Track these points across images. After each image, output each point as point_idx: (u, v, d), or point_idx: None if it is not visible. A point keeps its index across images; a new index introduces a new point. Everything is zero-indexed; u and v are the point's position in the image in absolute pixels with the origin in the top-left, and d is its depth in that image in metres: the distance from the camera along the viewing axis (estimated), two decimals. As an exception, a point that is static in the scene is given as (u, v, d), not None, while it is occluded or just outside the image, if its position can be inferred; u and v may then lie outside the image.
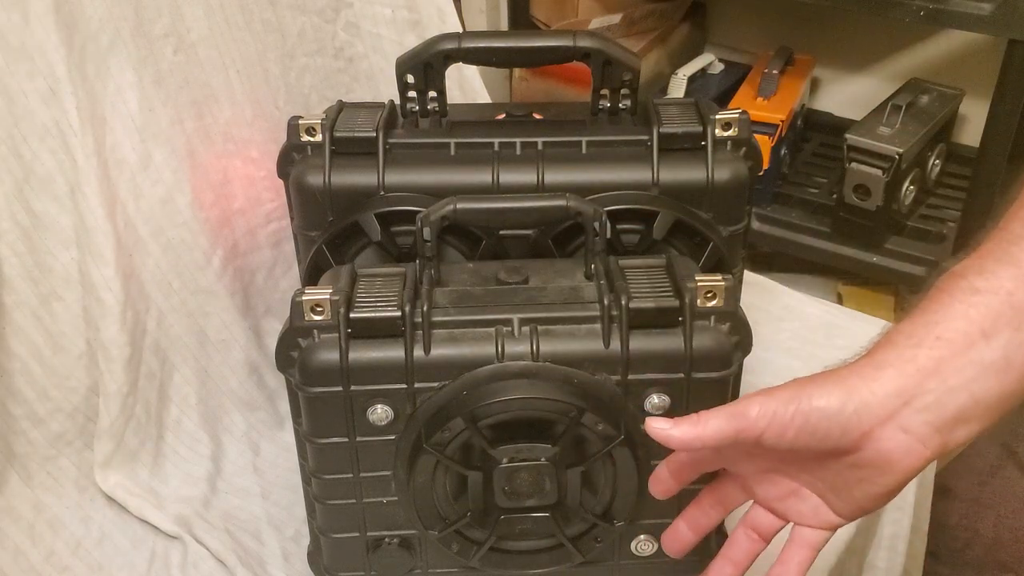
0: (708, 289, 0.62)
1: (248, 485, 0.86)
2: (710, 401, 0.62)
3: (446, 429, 0.62)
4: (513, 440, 0.63)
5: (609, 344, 0.62)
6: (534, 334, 0.62)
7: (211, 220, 0.86)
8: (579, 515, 0.67)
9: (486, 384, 0.62)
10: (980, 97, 1.33)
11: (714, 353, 0.63)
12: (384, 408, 0.63)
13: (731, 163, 0.73)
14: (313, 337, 0.62)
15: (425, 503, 0.66)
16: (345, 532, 0.69)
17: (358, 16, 0.95)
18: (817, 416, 0.50)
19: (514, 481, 0.64)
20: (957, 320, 0.49)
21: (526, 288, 0.66)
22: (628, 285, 0.64)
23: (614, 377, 0.63)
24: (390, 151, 0.74)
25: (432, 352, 0.62)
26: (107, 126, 0.79)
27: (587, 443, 0.64)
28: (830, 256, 1.39)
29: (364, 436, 0.65)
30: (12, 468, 0.81)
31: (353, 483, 0.67)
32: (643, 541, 0.71)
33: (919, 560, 1.02)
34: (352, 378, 0.62)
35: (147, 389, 0.85)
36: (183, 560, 0.79)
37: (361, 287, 0.65)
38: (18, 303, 0.78)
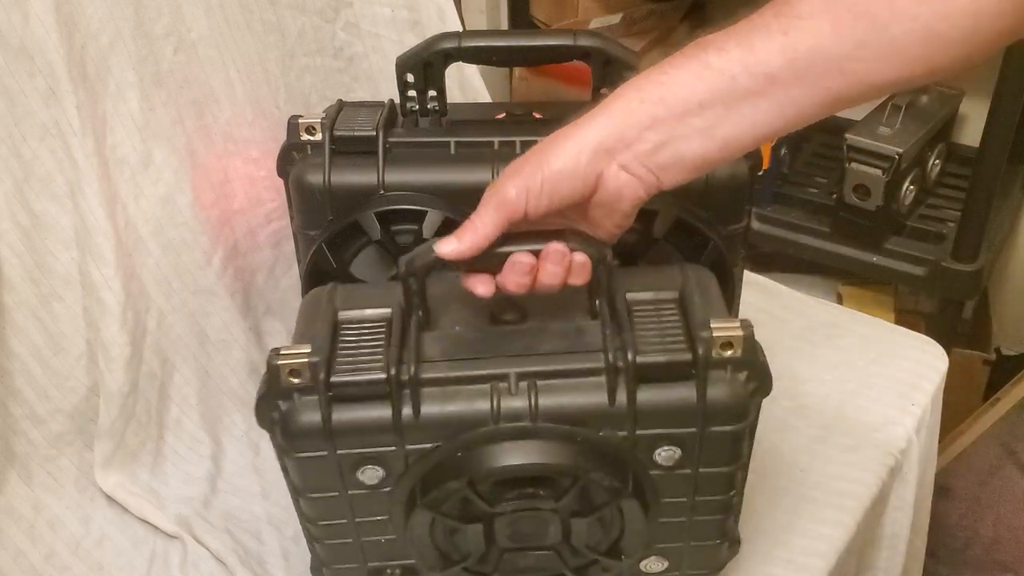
0: (725, 340, 0.58)
1: (248, 485, 0.86)
2: (723, 450, 0.61)
3: (441, 490, 0.59)
4: (515, 493, 0.61)
5: (615, 400, 0.58)
6: (532, 389, 0.58)
7: (211, 220, 0.86)
8: (585, 554, 0.64)
9: (481, 446, 0.59)
10: (980, 97, 1.33)
11: (730, 405, 0.59)
12: (375, 469, 0.60)
13: (730, 164, 0.73)
14: (293, 400, 0.58)
15: (424, 546, 0.64)
16: (345, 563, 0.68)
17: (358, 16, 0.95)
18: (560, 177, 0.57)
19: (516, 528, 0.62)
20: (683, 89, 0.55)
21: (524, 331, 0.62)
22: (636, 333, 0.59)
23: (620, 432, 0.59)
24: (390, 150, 0.74)
25: (423, 412, 0.58)
26: (107, 126, 0.79)
27: (593, 493, 0.61)
28: (830, 256, 1.39)
29: (357, 490, 0.62)
30: (12, 468, 0.81)
31: (349, 526, 0.64)
32: (653, 561, 0.68)
33: (919, 560, 1.02)
34: (338, 442, 0.59)
35: (147, 389, 0.85)
36: (183, 560, 0.79)
37: (343, 339, 0.60)
38: (18, 303, 0.78)
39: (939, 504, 1.12)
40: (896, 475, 0.88)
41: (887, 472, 0.86)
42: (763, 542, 0.79)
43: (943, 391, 0.96)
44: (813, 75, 0.54)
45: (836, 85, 0.54)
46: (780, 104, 0.55)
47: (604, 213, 0.60)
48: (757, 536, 0.79)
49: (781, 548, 0.79)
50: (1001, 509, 1.27)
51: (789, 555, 0.78)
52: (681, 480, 0.63)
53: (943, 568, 1.26)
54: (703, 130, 0.56)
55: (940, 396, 0.96)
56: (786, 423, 0.90)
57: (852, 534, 0.81)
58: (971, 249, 1.29)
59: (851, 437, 0.88)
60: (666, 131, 0.56)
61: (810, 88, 0.54)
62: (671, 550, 0.67)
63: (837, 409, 0.91)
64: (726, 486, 0.64)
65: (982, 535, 1.27)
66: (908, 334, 1.01)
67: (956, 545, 1.27)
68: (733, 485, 0.65)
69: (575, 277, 0.59)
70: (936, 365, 0.96)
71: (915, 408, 0.91)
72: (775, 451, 0.87)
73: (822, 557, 0.78)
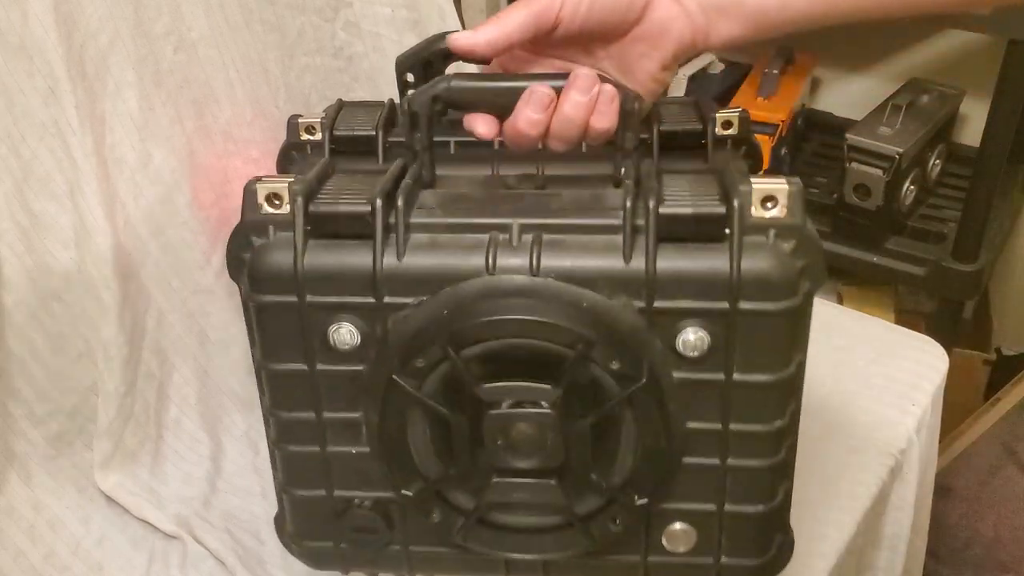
0: (767, 194, 0.48)
1: (248, 485, 0.86)
2: (765, 342, 0.50)
3: (422, 356, 0.51)
4: (507, 378, 0.51)
5: (631, 260, 0.49)
6: (536, 243, 0.50)
7: (211, 220, 0.86)
8: (590, 484, 0.54)
9: (472, 302, 0.50)
10: (980, 97, 1.33)
11: (771, 277, 0.49)
12: (348, 328, 0.52)
13: (731, 161, 0.72)
14: (268, 235, 0.52)
15: (400, 455, 0.55)
16: (309, 489, 0.59)
17: (358, 15, 0.95)
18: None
19: (509, 432, 0.52)
20: None
21: (537, 194, 0.54)
22: (663, 189, 0.51)
23: (637, 303, 0.50)
24: (390, 150, 0.74)
25: (406, 259, 0.51)
26: (106, 125, 0.79)
27: (601, 390, 0.52)
28: (830, 256, 1.37)
29: (326, 364, 0.54)
30: (12, 468, 0.81)
31: (315, 426, 0.56)
32: (677, 532, 0.56)
33: (919, 560, 1.02)
34: (309, 286, 0.51)
35: (146, 389, 0.84)
36: (183, 560, 0.79)
37: (334, 180, 0.54)
38: (17, 303, 0.78)
39: (939, 504, 1.12)
40: (896, 475, 0.88)
41: (887, 472, 0.86)
42: (763, 542, 0.79)
43: (943, 391, 0.96)
44: None
45: None
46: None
47: (642, 53, 0.54)
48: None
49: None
50: (1001, 509, 1.27)
51: (789, 555, 0.78)
52: (711, 391, 0.52)
53: (943, 568, 1.26)
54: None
55: (940, 396, 0.96)
56: (786, 423, 0.90)
57: (852, 534, 0.81)
58: (971, 249, 1.29)
59: (851, 437, 0.88)
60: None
61: None
62: (700, 516, 0.56)
63: (837, 409, 0.91)
64: (769, 410, 0.53)
65: (982, 535, 1.27)
66: (908, 334, 1.01)
67: (956, 545, 1.27)
68: (778, 411, 0.53)
69: (600, 116, 0.52)
70: (936, 365, 0.96)
71: (915, 408, 0.91)
72: (775, 451, 0.87)
73: (822, 557, 0.78)
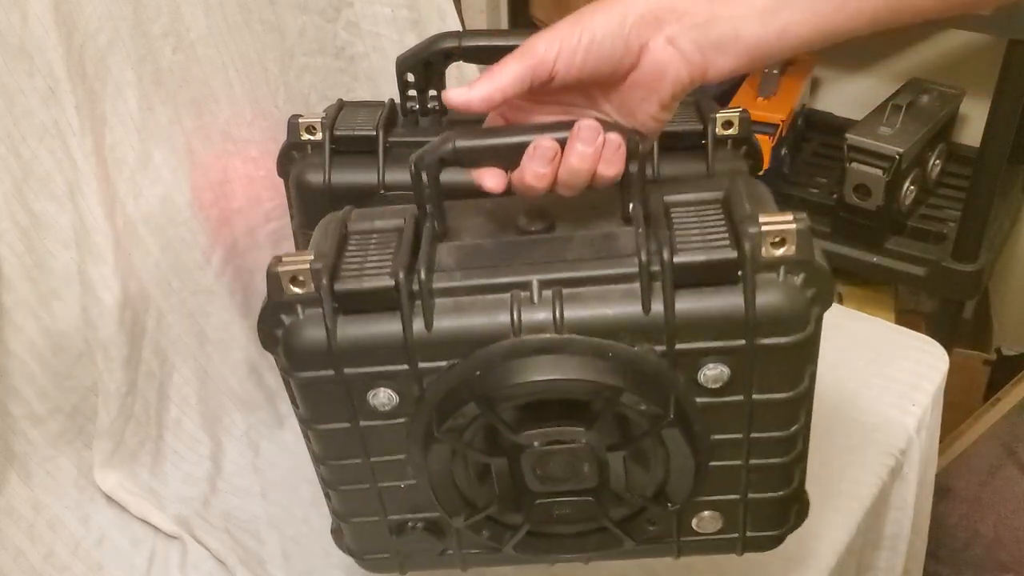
0: (776, 235, 0.50)
1: (248, 485, 0.86)
2: (780, 371, 0.53)
3: (459, 415, 0.53)
4: (541, 422, 0.54)
5: (650, 308, 0.51)
6: (557, 298, 0.52)
7: (210, 219, 0.86)
8: (627, 498, 0.57)
9: (501, 363, 0.52)
10: (980, 97, 1.33)
11: (784, 313, 0.51)
12: (387, 392, 0.55)
13: (731, 161, 0.72)
14: (297, 313, 0.53)
15: (447, 490, 0.58)
16: (364, 516, 0.62)
17: (358, 15, 0.95)
18: (601, 36, 0.52)
19: (546, 465, 0.55)
20: None
21: (549, 239, 0.55)
22: (674, 232, 0.52)
23: (658, 348, 0.52)
24: (390, 150, 0.74)
25: (435, 326, 0.52)
26: (106, 125, 0.79)
27: (630, 422, 0.54)
28: (830, 256, 1.37)
29: (369, 420, 0.56)
30: (12, 468, 0.81)
31: (364, 467, 0.59)
32: (706, 519, 0.60)
33: (919, 560, 1.02)
34: (345, 360, 0.53)
35: (146, 389, 0.84)
36: (183, 560, 0.79)
37: (351, 248, 0.55)
38: (17, 303, 0.78)
39: (940, 504, 1.12)
40: (896, 475, 0.88)
41: (887, 472, 0.86)
42: (763, 542, 0.79)
43: (943, 391, 0.96)
44: None
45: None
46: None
47: (642, 97, 0.55)
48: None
49: (781, 547, 0.78)
50: (1001, 509, 1.27)
51: (790, 554, 0.78)
52: (732, 410, 0.55)
53: (944, 568, 1.26)
54: (764, 10, 0.52)
55: (940, 396, 0.96)
56: (786, 423, 0.90)
57: (852, 534, 0.81)
58: (971, 249, 1.29)
59: (851, 437, 0.88)
60: (725, 5, 0.52)
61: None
62: (726, 504, 0.59)
63: (837, 409, 0.91)
64: (786, 419, 0.56)
65: (982, 535, 1.27)
66: (908, 334, 1.01)
67: (956, 545, 1.27)
68: (795, 418, 0.56)
69: (607, 164, 0.53)
70: (936, 365, 0.96)
71: (915, 408, 0.91)
72: (775, 451, 0.87)
73: (822, 557, 0.78)
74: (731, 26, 0.52)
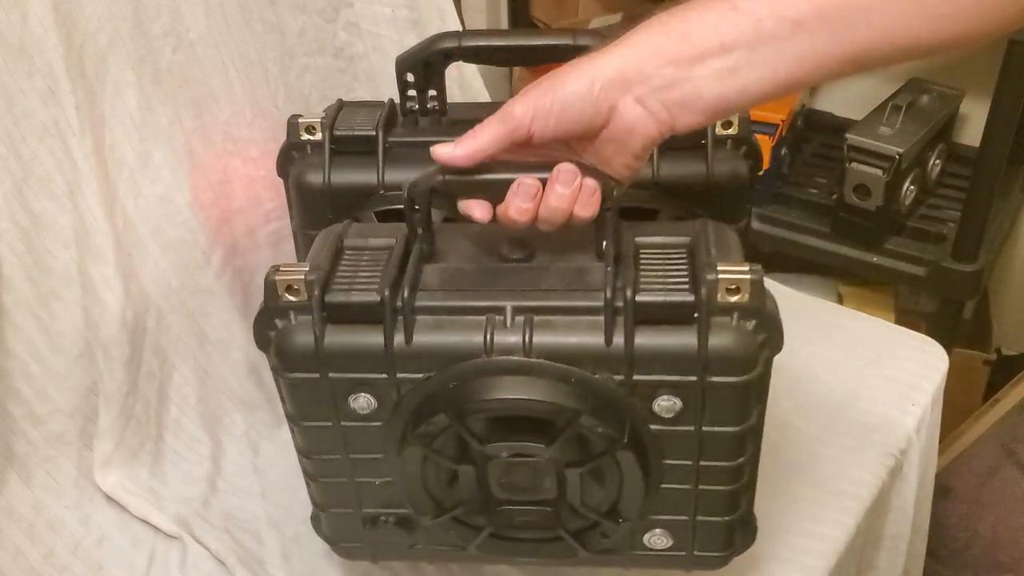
0: (731, 283, 0.55)
1: (248, 485, 0.86)
2: (728, 406, 0.58)
3: (431, 423, 0.58)
4: (507, 436, 0.59)
5: (612, 340, 0.56)
6: (528, 325, 0.57)
7: (210, 220, 0.86)
8: (582, 512, 0.62)
9: (473, 379, 0.57)
10: (980, 97, 1.33)
11: (734, 354, 0.56)
12: (367, 397, 0.59)
13: (731, 161, 0.72)
14: (289, 318, 0.58)
15: (418, 489, 0.62)
16: (341, 507, 0.67)
17: (358, 15, 0.95)
18: (572, 99, 0.56)
19: (510, 476, 0.60)
20: (708, 28, 0.54)
21: (527, 268, 0.60)
22: (639, 272, 0.58)
23: (617, 377, 0.57)
24: (390, 150, 0.74)
25: (414, 341, 0.57)
26: (106, 125, 0.79)
27: (589, 443, 0.59)
28: (830, 256, 1.39)
29: (349, 421, 0.61)
30: (12, 468, 0.81)
31: (344, 463, 0.64)
32: (657, 535, 0.66)
33: (919, 560, 1.02)
34: (330, 365, 0.58)
35: (147, 389, 0.84)
36: (183, 560, 0.79)
37: (345, 262, 0.60)
38: (17, 303, 0.78)
39: (939, 504, 1.12)
40: (896, 475, 0.88)
41: (887, 472, 0.86)
42: (762, 542, 0.79)
43: (943, 391, 0.96)
44: (840, 25, 0.53)
45: (861, 38, 0.53)
46: (804, 53, 0.54)
47: (615, 150, 0.58)
48: (757, 535, 0.79)
49: (781, 548, 0.79)
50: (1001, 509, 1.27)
51: (789, 555, 0.78)
52: (684, 438, 0.60)
53: (943, 568, 1.26)
54: (724, 71, 0.55)
55: (940, 396, 0.96)
56: (786, 423, 0.90)
57: (852, 534, 0.81)
58: (971, 249, 1.29)
59: (851, 437, 0.88)
60: (686, 68, 0.55)
61: (836, 38, 0.53)
62: (676, 524, 0.65)
63: (837, 409, 0.91)
64: (734, 451, 0.61)
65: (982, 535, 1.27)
66: (908, 334, 1.01)
67: (956, 545, 1.27)
68: (742, 451, 0.62)
69: (583, 207, 0.57)
70: (936, 365, 0.96)
71: (915, 408, 0.91)
72: (775, 451, 0.87)
73: (822, 557, 0.78)
74: (694, 87, 0.55)
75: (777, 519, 0.81)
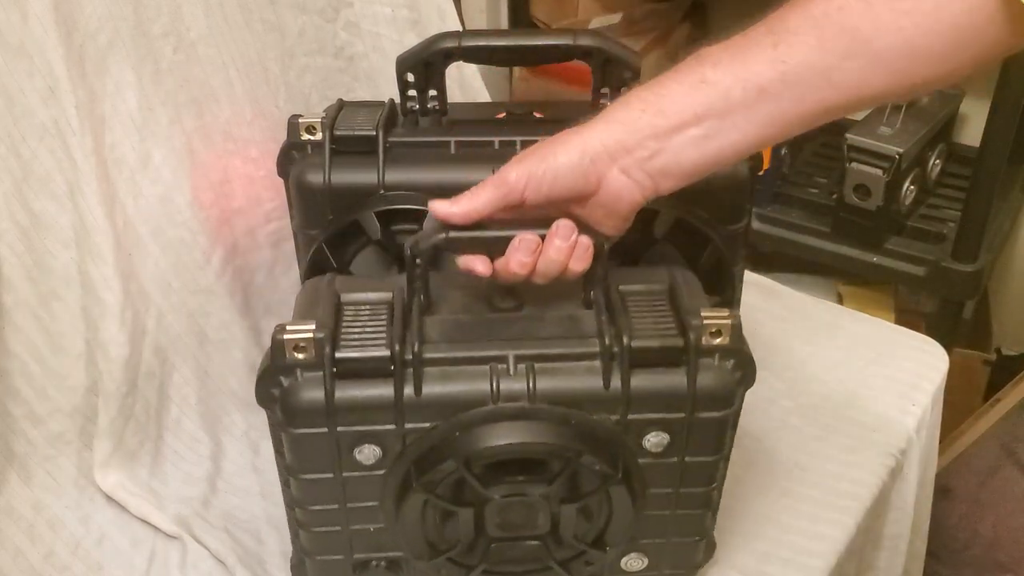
0: (714, 327, 0.60)
1: (248, 485, 0.86)
2: (709, 438, 0.63)
3: (438, 470, 0.60)
4: (507, 478, 0.62)
5: (609, 384, 0.60)
6: (530, 372, 0.60)
7: (211, 219, 0.86)
8: (572, 544, 0.65)
9: (480, 426, 0.60)
10: (980, 97, 1.33)
11: (717, 392, 0.61)
12: (372, 448, 0.61)
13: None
14: (296, 376, 0.59)
15: (413, 534, 0.64)
16: (330, 555, 0.68)
17: (358, 15, 0.95)
18: (564, 170, 0.60)
19: (506, 515, 0.63)
20: (680, 101, 0.58)
21: (521, 317, 0.64)
22: (631, 320, 0.61)
23: (613, 416, 0.61)
24: (390, 150, 0.74)
25: (424, 392, 0.60)
26: (106, 125, 0.79)
27: (583, 480, 0.62)
28: (830, 256, 1.39)
29: (351, 472, 0.63)
30: (12, 468, 0.81)
31: (339, 513, 0.65)
32: (633, 558, 0.70)
33: (919, 560, 1.02)
34: (339, 419, 0.60)
35: (146, 389, 0.84)
36: (183, 560, 0.79)
37: (346, 318, 0.62)
38: (17, 303, 0.78)
39: (939, 504, 1.11)
40: (896, 475, 0.88)
41: (887, 472, 0.86)
42: (763, 542, 0.79)
43: (943, 391, 0.96)
44: (802, 87, 0.56)
45: (826, 96, 0.56)
46: (772, 115, 0.57)
47: (604, 213, 0.62)
48: (756, 536, 0.79)
49: (781, 548, 0.79)
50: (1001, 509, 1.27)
51: (789, 555, 0.78)
52: (668, 469, 0.64)
53: (943, 568, 1.26)
54: (699, 140, 0.58)
55: (940, 396, 0.96)
56: (786, 423, 0.90)
57: (852, 534, 0.81)
58: (971, 249, 1.29)
59: (851, 437, 0.88)
60: (665, 140, 0.59)
61: (800, 99, 0.57)
62: (653, 547, 0.69)
63: (837, 409, 0.91)
64: (709, 478, 0.66)
65: (982, 535, 1.27)
66: (908, 334, 1.01)
67: (956, 545, 1.27)
68: (715, 478, 0.67)
69: (577, 260, 0.61)
70: (936, 365, 0.96)
71: (915, 408, 0.91)
72: (775, 451, 0.87)
73: (822, 557, 0.78)
74: (673, 155, 0.59)
75: (777, 519, 0.81)
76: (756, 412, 0.90)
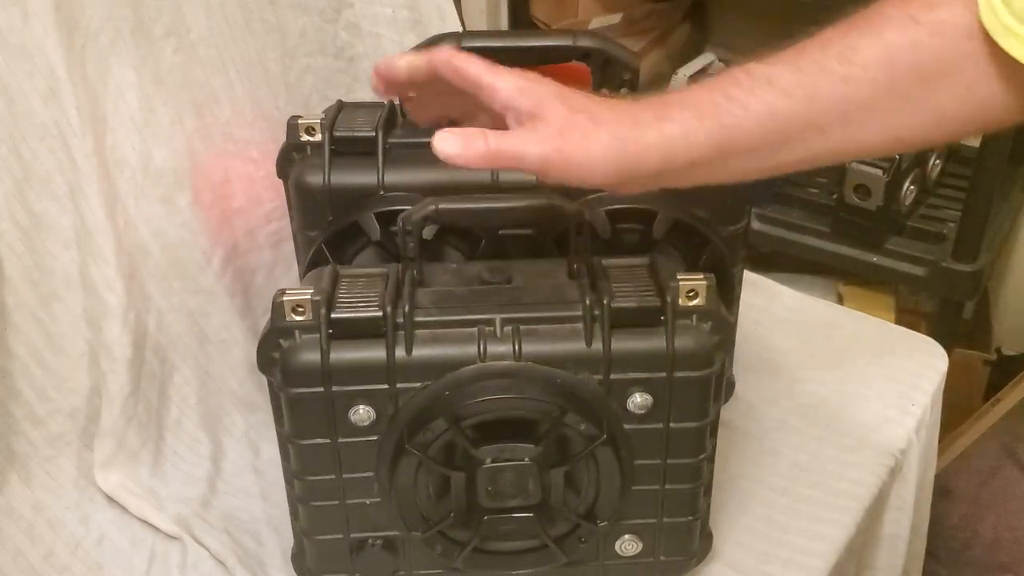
0: (690, 288, 0.63)
1: (248, 486, 0.86)
2: (691, 401, 0.65)
3: (428, 430, 0.62)
4: (496, 440, 0.63)
5: (591, 343, 0.62)
6: (516, 334, 0.63)
7: (211, 220, 0.86)
8: (562, 515, 0.67)
9: (468, 384, 0.62)
10: (980, 97, 1.33)
11: (696, 352, 0.63)
12: (366, 409, 0.63)
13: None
14: (295, 338, 0.62)
15: (408, 504, 0.66)
16: (328, 534, 0.69)
17: (359, 16, 0.95)
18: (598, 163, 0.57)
19: (497, 481, 0.64)
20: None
21: (509, 288, 0.67)
22: (611, 285, 0.64)
23: (596, 376, 0.63)
24: (389, 151, 0.74)
25: (414, 352, 0.62)
26: (107, 126, 0.79)
27: (570, 443, 0.64)
28: (830, 256, 1.39)
29: (346, 437, 0.65)
30: (12, 468, 0.81)
31: (336, 484, 0.67)
32: (627, 541, 0.71)
33: (919, 560, 1.02)
34: (334, 379, 0.63)
35: (148, 389, 0.85)
36: (183, 560, 0.79)
37: (343, 287, 0.65)
38: (18, 304, 0.78)
39: (939, 504, 1.12)
40: (896, 475, 0.88)
41: (887, 472, 0.86)
42: (762, 542, 0.79)
43: (943, 391, 0.96)
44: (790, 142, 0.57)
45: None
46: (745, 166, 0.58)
47: None
48: (756, 536, 0.79)
49: (781, 548, 0.79)
50: (1001, 510, 1.27)
51: (789, 555, 0.78)
52: (653, 436, 0.66)
53: (943, 569, 1.26)
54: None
55: (940, 396, 0.96)
56: (786, 423, 0.90)
57: (852, 534, 0.81)
58: (971, 249, 1.29)
59: (851, 437, 0.88)
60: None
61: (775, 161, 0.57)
62: (645, 528, 0.70)
63: (837, 409, 0.91)
64: (695, 448, 0.68)
65: (982, 536, 1.27)
66: (908, 334, 1.01)
67: (956, 546, 1.27)
68: (702, 447, 0.68)
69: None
70: (936, 365, 0.96)
71: (915, 408, 0.91)
72: (775, 451, 0.87)
73: (822, 557, 0.78)
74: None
75: (777, 519, 0.81)
76: (756, 412, 0.90)
